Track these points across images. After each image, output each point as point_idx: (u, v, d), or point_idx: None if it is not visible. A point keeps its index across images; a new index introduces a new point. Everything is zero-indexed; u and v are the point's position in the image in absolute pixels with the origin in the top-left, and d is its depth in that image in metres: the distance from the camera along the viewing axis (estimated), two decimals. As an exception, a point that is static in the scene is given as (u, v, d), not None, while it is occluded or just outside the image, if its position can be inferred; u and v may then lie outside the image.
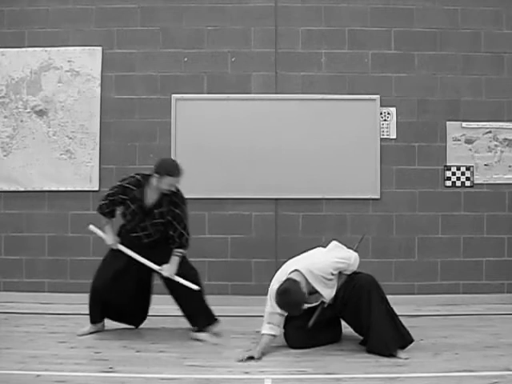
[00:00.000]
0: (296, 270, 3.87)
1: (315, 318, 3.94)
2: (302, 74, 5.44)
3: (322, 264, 3.90)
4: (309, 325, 3.93)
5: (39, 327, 4.53)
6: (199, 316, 4.25)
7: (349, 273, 3.99)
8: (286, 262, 4.10)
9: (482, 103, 5.43)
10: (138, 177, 4.17)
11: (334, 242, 4.13)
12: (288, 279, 3.83)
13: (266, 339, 3.91)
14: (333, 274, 3.91)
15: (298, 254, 4.12)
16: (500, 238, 5.43)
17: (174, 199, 4.15)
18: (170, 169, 4.09)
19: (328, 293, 3.91)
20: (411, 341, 3.89)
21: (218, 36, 5.45)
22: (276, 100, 5.42)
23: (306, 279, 3.84)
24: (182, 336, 4.31)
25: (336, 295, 3.97)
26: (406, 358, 3.75)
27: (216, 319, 4.31)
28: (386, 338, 3.81)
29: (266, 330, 3.93)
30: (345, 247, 4.10)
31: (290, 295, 3.72)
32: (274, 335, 3.93)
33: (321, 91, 5.42)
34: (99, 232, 4.30)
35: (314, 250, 4.14)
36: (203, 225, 5.41)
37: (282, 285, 3.80)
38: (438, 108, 5.44)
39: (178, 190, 4.22)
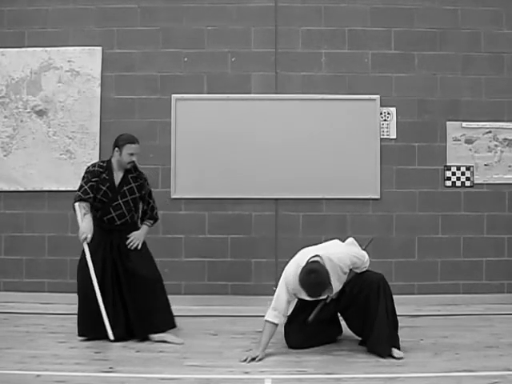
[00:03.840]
0: (317, 256, 3.83)
1: (316, 313, 3.92)
2: (302, 74, 5.44)
3: (343, 254, 3.88)
4: (309, 319, 3.91)
5: (39, 327, 4.54)
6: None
7: (359, 271, 3.99)
8: (286, 262, 4.07)
9: (482, 103, 5.43)
10: (99, 162, 4.34)
11: (351, 239, 4.10)
12: (313, 261, 3.77)
13: (269, 328, 3.86)
14: (349, 268, 3.88)
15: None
16: (500, 238, 5.43)
17: (140, 175, 4.35)
18: (128, 138, 4.29)
19: (336, 286, 3.86)
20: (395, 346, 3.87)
21: (218, 36, 5.45)
22: (276, 100, 5.42)
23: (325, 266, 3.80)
24: (182, 336, 4.30)
25: (343, 289, 3.94)
26: (399, 358, 3.73)
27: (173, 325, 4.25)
28: (387, 338, 3.80)
29: (271, 317, 3.87)
30: (359, 247, 4.09)
31: (317, 275, 3.64)
32: (276, 324, 3.87)
33: (321, 91, 5.42)
34: (79, 216, 4.12)
35: (332, 241, 4.11)
36: (203, 225, 5.41)
37: (306, 266, 3.73)
38: (438, 108, 5.44)
39: (138, 168, 4.37)
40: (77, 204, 4.15)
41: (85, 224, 4.08)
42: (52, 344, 4.08)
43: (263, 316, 3.96)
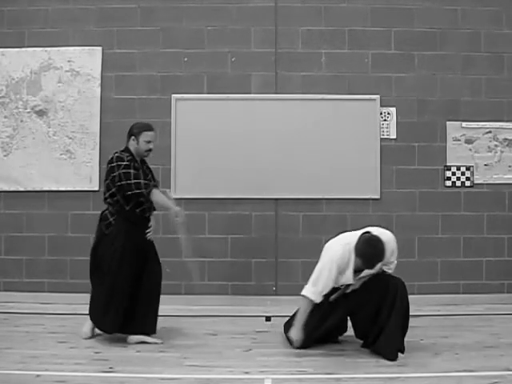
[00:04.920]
0: (368, 232, 3.80)
1: (337, 295, 3.91)
2: (301, 74, 5.44)
3: (388, 236, 3.85)
4: (330, 299, 3.89)
5: (39, 327, 4.53)
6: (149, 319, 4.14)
7: (385, 269, 3.96)
8: (286, 262, 4.06)
9: (482, 103, 5.43)
10: (121, 152, 4.14)
11: None
12: (368, 235, 3.75)
13: (306, 305, 3.79)
14: (387, 256, 3.82)
15: (297, 254, 4.09)
16: (500, 238, 5.43)
17: (149, 166, 4.31)
18: (144, 125, 4.21)
19: (365, 272, 3.84)
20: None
21: (218, 36, 5.45)
22: (276, 100, 5.42)
23: None
24: (182, 336, 4.31)
25: (364, 284, 3.91)
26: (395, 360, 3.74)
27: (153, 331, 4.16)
28: (397, 343, 3.79)
29: (310, 293, 3.78)
30: None
31: (377, 243, 3.65)
32: (313, 301, 3.81)
33: (321, 91, 5.42)
34: (164, 200, 4.07)
35: (373, 227, 4.01)
36: (203, 225, 5.41)
37: (362, 238, 3.71)
38: (438, 108, 5.44)
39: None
40: (160, 191, 4.06)
41: (174, 204, 4.03)
42: (52, 344, 4.08)
43: (263, 316, 3.96)
